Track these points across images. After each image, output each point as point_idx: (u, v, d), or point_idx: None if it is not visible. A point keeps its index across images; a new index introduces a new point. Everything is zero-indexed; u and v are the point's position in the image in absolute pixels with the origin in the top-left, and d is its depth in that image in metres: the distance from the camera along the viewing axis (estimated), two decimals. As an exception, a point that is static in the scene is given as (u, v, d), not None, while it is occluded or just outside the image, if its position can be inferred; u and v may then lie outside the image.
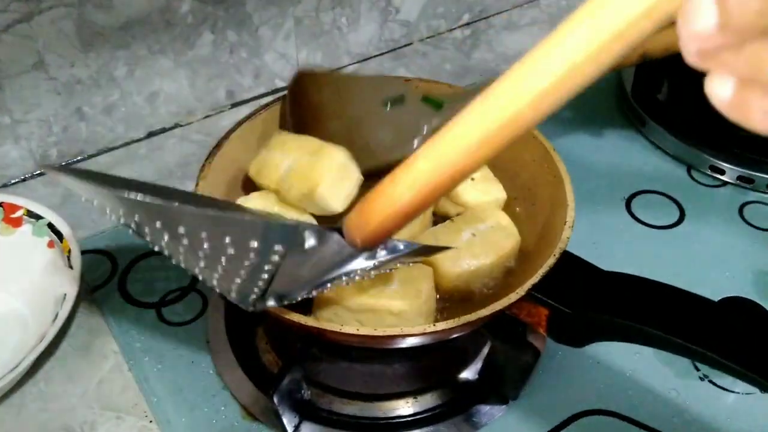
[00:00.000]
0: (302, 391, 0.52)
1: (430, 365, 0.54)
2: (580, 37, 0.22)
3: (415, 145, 0.57)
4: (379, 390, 0.53)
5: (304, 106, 0.59)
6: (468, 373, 0.54)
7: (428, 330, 0.42)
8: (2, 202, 0.60)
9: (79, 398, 0.53)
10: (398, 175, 0.31)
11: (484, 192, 0.57)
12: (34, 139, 0.69)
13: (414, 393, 0.53)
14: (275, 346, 0.55)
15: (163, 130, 0.76)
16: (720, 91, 0.19)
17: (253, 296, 0.40)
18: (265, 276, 0.38)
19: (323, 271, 0.39)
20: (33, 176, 0.71)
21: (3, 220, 0.60)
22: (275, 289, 0.39)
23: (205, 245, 0.37)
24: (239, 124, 0.59)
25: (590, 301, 0.45)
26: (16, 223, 0.60)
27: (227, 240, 0.36)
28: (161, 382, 0.54)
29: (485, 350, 0.54)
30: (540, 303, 0.45)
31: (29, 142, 0.69)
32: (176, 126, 0.77)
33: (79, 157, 0.72)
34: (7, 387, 0.52)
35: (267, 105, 0.61)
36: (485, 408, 0.52)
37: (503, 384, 0.52)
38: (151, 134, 0.76)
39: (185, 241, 0.37)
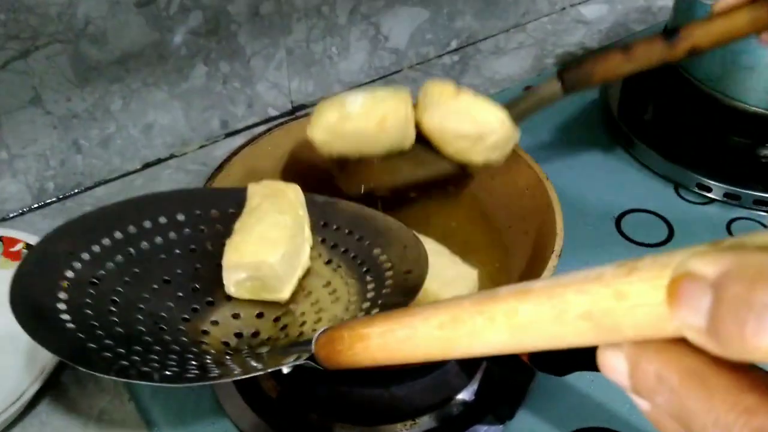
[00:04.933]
0: (301, 417, 0.52)
1: (427, 387, 0.55)
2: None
3: None
4: (377, 413, 0.54)
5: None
6: (465, 395, 0.54)
7: None
8: (2, 236, 0.61)
9: (81, 429, 0.54)
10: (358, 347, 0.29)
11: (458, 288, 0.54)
12: (32, 173, 0.70)
13: (412, 415, 0.53)
14: (274, 372, 0.55)
15: (159, 161, 0.77)
16: (640, 402, 0.20)
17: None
18: None
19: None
20: (31, 209, 0.72)
21: (2, 254, 0.60)
22: None
23: None
24: (240, 148, 0.60)
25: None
26: (16, 256, 0.60)
27: None
28: (162, 411, 0.54)
29: (481, 371, 0.55)
30: None
31: (27, 176, 0.70)
32: (172, 156, 0.78)
33: (76, 190, 0.73)
34: (8, 420, 0.52)
35: (268, 131, 0.62)
36: (482, 428, 0.52)
37: (499, 404, 0.53)
38: (146, 165, 0.77)
39: None
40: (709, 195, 0.72)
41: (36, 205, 0.72)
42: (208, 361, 0.42)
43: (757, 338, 0.14)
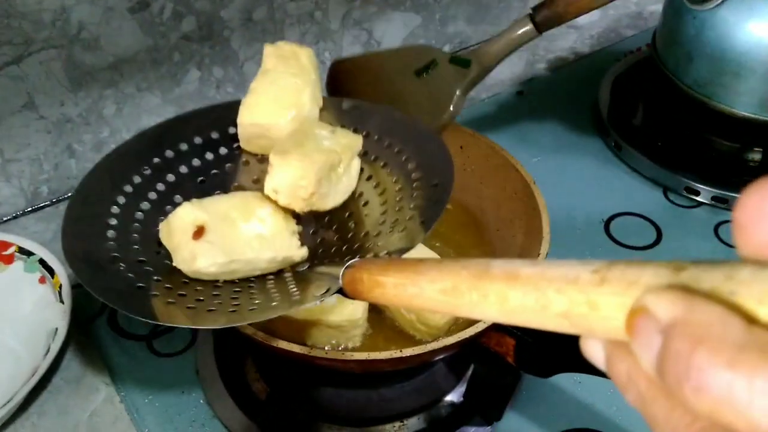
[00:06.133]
0: (291, 418, 0.53)
1: (416, 389, 0.56)
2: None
3: (451, 108, 0.57)
4: (366, 414, 0.54)
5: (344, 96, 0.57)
6: (453, 396, 0.55)
7: (395, 356, 0.44)
8: (-6, 240, 0.62)
9: (72, 431, 0.54)
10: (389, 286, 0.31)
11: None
12: (26, 177, 0.71)
13: (401, 417, 0.54)
14: (264, 374, 0.56)
15: (152, 165, 0.78)
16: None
17: None
18: None
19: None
20: (25, 213, 0.72)
21: (-5, 257, 0.61)
22: None
23: None
24: None
25: (553, 334, 0.46)
26: (8, 260, 0.61)
27: None
28: (152, 413, 0.55)
29: (469, 373, 0.55)
30: (507, 332, 0.47)
31: (20, 180, 0.70)
32: (165, 161, 0.79)
33: (69, 194, 0.74)
34: (0, 422, 0.52)
35: None
36: (470, 430, 0.53)
37: (487, 405, 0.53)
38: (140, 169, 0.77)
39: None
40: (698, 198, 0.73)
41: (30, 209, 0.72)
42: (253, 292, 0.42)
43: (693, 397, 0.16)
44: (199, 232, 0.41)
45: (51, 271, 0.60)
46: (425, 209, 0.45)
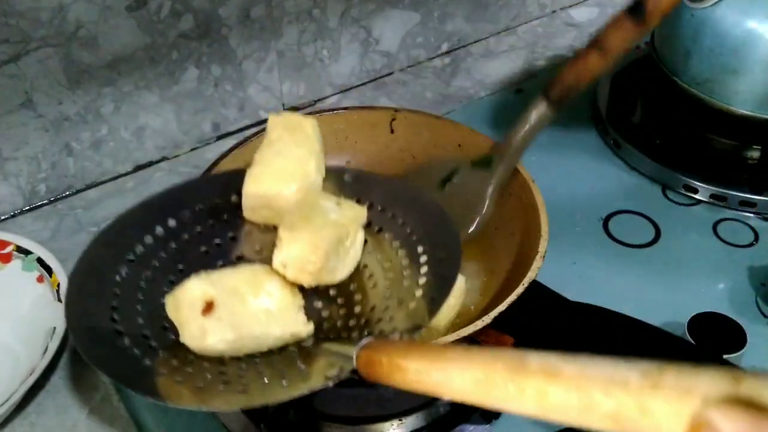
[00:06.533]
0: (290, 417, 0.53)
1: (414, 387, 0.55)
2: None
3: (483, 212, 0.57)
4: (365, 413, 0.54)
5: None
6: (452, 394, 0.55)
7: None
8: (-8, 239, 0.62)
9: (70, 430, 0.54)
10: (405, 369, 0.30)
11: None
12: (23, 176, 0.70)
13: (399, 415, 0.54)
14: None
15: (150, 164, 0.78)
16: None
17: None
18: None
19: None
20: (22, 212, 0.72)
21: (-7, 256, 0.61)
22: None
23: None
24: (230, 150, 0.60)
25: (552, 333, 0.46)
26: (6, 258, 0.61)
27: None
28: (151, 413, 0.55)
29: (468, 371, 0.55)
30: (505, 331, 0.47)
31: (18, 179, 0.70)
32: (163, 159, 0.78)
33: (67, 193, 0.74)
34: (-2, 421, 0.52)
35: (256, 134, 0.63)
36: (469, 428, 0.53)
37: (486, 404, 0.54)
38: (138, 168, 0.77)
39: None
40: (696, 196, 0.73)
41: (27, 208, 0.72)
42: (260, 369, 0.40)
43: None
44: (208, 308, 0.40)
45: (49, 270, 0.59)
46: (432, 285, 0.44)
